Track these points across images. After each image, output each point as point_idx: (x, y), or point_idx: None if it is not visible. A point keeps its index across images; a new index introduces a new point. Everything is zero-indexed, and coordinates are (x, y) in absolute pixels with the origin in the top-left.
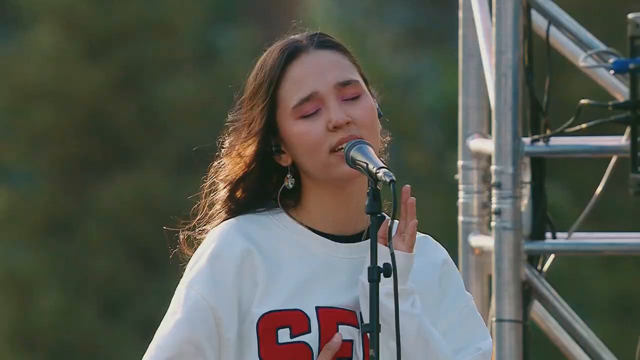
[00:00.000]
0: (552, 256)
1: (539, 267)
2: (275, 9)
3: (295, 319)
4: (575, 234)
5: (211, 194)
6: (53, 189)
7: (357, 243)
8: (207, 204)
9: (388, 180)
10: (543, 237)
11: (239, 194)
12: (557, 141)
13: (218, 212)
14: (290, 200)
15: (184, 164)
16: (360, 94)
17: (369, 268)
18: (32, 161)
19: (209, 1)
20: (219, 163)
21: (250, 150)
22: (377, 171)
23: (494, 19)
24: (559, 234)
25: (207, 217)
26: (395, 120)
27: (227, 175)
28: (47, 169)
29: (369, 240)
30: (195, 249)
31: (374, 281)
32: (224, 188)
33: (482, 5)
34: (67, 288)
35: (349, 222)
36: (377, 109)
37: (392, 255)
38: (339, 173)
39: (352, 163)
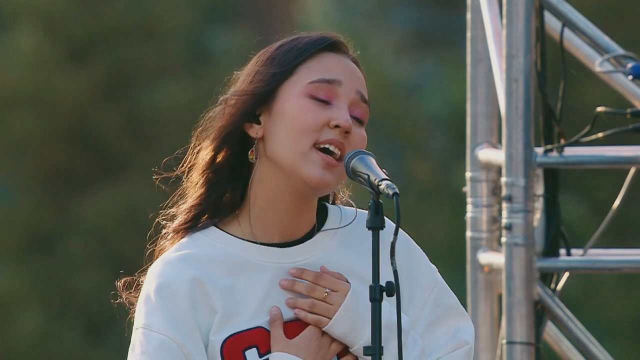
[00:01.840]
0: (567, 274)
1: (552, 285)
2: (272, 11)
3: (259, 338)
4: (592, 251)
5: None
6: (33, 203)
7: (302, 244)
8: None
9: (391, 193)
10: (557, 254)
11: (219, 157)
12: (571, 151)
13: (195, 184)
14: (220, 217)
15: (174, 176)
16: (364, 121)
17: (370, 287)
18: (11, 173)
19: (201, 2)
20: (213, 112)
21: (241, 104)
22: (380, 183)
23: (504, 20)
24: (574, 251)
25: (183, 195)
26: (399, 128)
27: (214, 133)
28: (27, 181)
29: (315, 239)
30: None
31: (376, 301)
32: (208, 146)
33: (491, 7)
34: (48, 308)
35: (296, 232)
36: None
37: (395, 272)
38: (308, 173)
39: (353, 174)
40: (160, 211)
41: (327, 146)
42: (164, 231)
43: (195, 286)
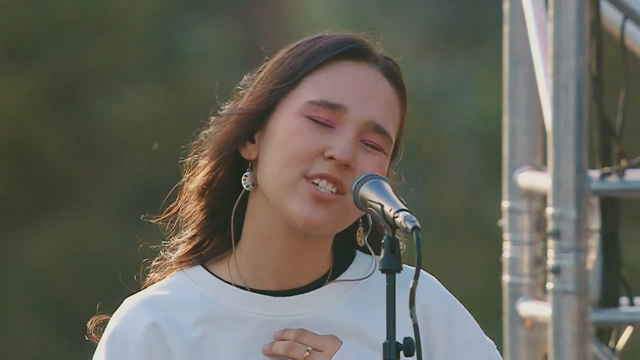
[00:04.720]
0: (629, 329)
1: (611, 343)
2: (262, 0)
3: None
4: None
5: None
6: None
7: (302, 295)
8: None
9: (410, 226)
10: (617, 304)
11: (218, 179)
12: (635, 175)
13: (194, 210)
14: (214, 253)
15: (136, 206)
16: (382, 149)
17: (384, 344)
18: None
19: None
20: (208, 132)
21: (231, 127)
22: (396, 215)
23: (550, 12)
24: (637, 300)
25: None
26: (420, 146)
27: (209, 154)
28: None
29: (322, 289)
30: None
31: None
32: (205, 166)
33: None
34: None
35: (297, 280)
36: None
37: (415, 326)
38: (293, 209)
39: (362, 204)
40: (147, 243)
41: (316, 181)
42: (154, 262)
43: (153, 335)
